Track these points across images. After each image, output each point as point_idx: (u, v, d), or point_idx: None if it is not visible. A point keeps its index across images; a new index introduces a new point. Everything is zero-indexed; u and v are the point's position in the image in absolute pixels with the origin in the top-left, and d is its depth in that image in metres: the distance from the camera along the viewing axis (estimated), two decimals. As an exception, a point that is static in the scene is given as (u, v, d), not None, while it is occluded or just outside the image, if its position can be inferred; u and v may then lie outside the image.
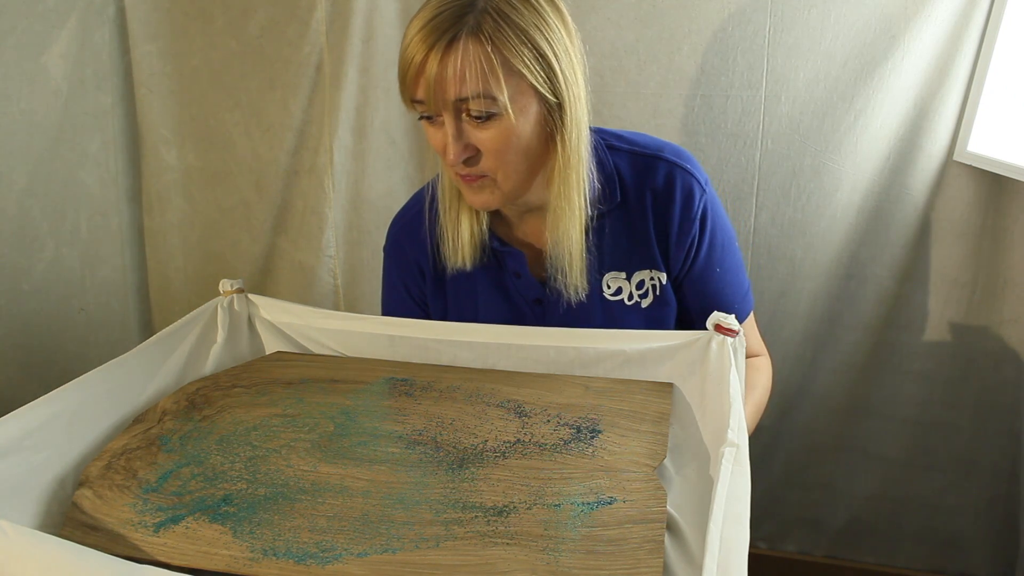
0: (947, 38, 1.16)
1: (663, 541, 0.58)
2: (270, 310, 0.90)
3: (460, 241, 0.90)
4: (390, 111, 1.36)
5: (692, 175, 0.89)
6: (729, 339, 0.75)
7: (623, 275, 0.90)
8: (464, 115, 0.79)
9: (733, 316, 0.75)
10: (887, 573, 1.44)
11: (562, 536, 0.59)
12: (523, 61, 0.78)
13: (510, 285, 0.93)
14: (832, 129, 1.22)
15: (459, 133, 0.80)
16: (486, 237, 0.91)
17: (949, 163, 1.21)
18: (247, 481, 0.67)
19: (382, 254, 1.02)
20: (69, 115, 1.44)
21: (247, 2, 1.35)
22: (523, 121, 0.80)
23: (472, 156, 0.81)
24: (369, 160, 1.38)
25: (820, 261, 1.29)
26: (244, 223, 1.47)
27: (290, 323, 0.89)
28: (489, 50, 0.76)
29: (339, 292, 1.46)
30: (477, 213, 0.90)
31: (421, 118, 0.82)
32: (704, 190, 0.90)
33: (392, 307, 1.01)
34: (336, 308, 1.46)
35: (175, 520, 0.62)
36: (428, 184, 0.95)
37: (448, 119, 0.79)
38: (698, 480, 0.67)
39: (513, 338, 0.82)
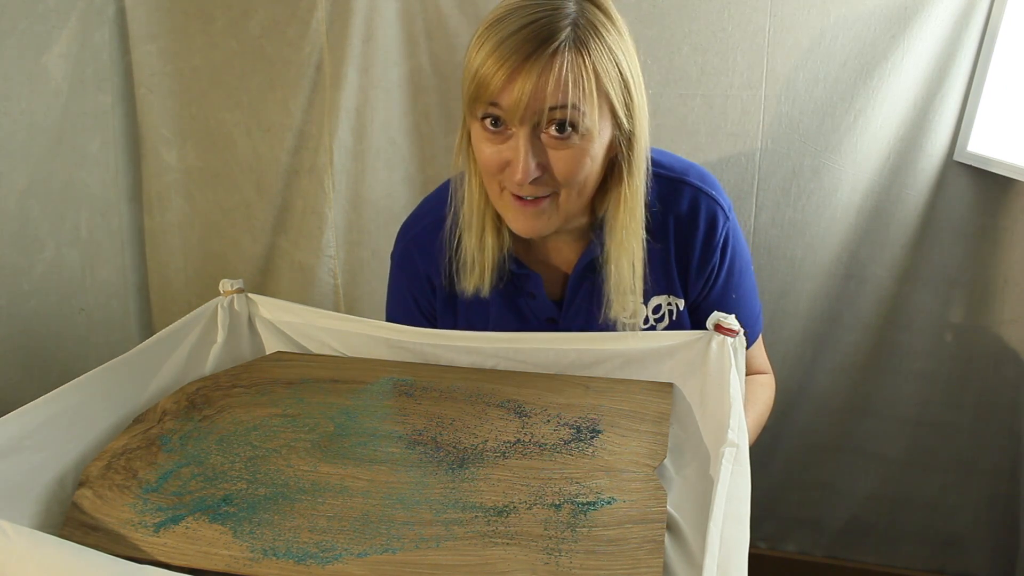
0: (947, 38, 1.16)
1: (663, 541, 0.58)
2: (270, 310, 0.90)
3: (483, 262, 0.87)
4: (390, 111, 1.36)
5: (716, 202, 0.88)
6: (729, 339, 0.75)
7: (640, 299, 0.89)
8: (543, 131, 0.76)
9: (733, 316, 0.75)
10: (887, 573, 1.44)
11: (562, 536, 0.59)
12: (611, 82, 0.76)
13: (523, 305, 0.92)
14: (832, 129, 1.22)
15: (534, 151, 0.76)
16: (506, 258, 0.88)
17: (949, 163, 1.21)
18: (247, 481, 0.67)
19: (382, 254, 1.01)
20: (69, 115, 1.44)
21: (247, 2, 1.35)
22: (598, 144, 0.78)
23: (539, 176, 0.77)
24: (369, 160, 1.38)
25: (820, 261, 1.29)
26: (244, 223, 1.47)
27: (290, 323, 0.89)
28: (588, 66, 0.74)
29: (339, 292, 1.46)
30: (502, 236, 0.87)
31: (485, 118, 0.77)
32: (728, 217, 0.88)
33: (398, 317, 0.98)
34: (336, 308, 1.45)
35: (175, 520, 0.62)
36: (443, 198, 0.90)
37: (524, 134, 0.75)
38: (698, 480, 0.67)
39: (513, 342, 0.82)
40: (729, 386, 0.69)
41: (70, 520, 0.64)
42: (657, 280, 0.89)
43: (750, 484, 0.58)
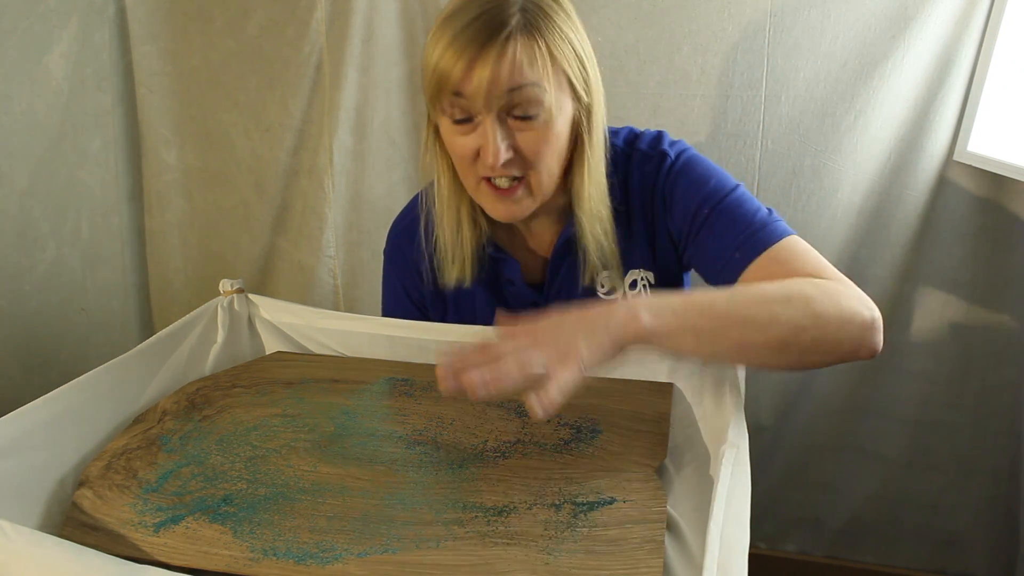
0: (947, 38, 1.16)
1: (663, 541, 0.58)
2: (270, 310, 0.90)
3: (462, 253, 0.88)
4: (390, 111, 1.36)
5: (658, 153, 0.87)
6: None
7: (615, 274, 0.90)
8: (508, 116, 0.78)
9: None
10: (887, 573, 1.44)
11: (562, 536, 0.59)
12: (566, 60, 0.79)
13: (505, 292, 0.93)
14: (832, 129, 1.22)
15: (503, 134, 0.78)
16: (485, 245, 0.90)
17: (949, 163, 1.21)
18: (247, 481, 0.67)
19: (381, 255, 1.02)
20: (70, 115, 1.44)
21: (247, 2, 1.35)
22: (561, 121, 0.80)
23: (510, 159, 0.79)
24: (369, 160, 1.38)
25: (820, 261, 1.29)
26: (244, 223, 1.47)
27: (290, 323, 0.89)
28: (541, 46, 0.76)
29: (339, 292, 1.46)
30: (478, 227, 0.88)
31: (453, 122, 0.79)
32: (669, 155, 0.87)
33: (392, 310, 1.00)
34: (336, 308, 1.46)
35: (175, 520, 0.62)
36: (421, 193, 0.92)
37: (490, 120, 0.77)
38: (698, 480, 0.67)
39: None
40: (729, 386, 0.69)
41: (70, 520, 0.64)
42: (630, 254, 0.89)
43: (750, 484, 0.58)
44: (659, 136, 0.90)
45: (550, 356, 0.63)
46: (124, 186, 1.50)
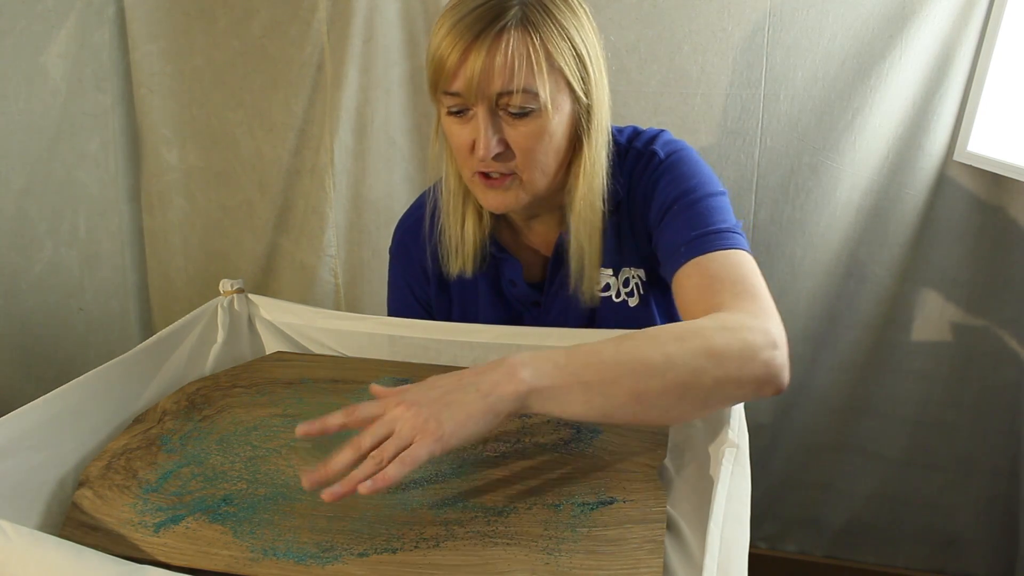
0: (946, 38, 1.16)
1: (663, 541, 0.58)
2: (270, 310, 0.90)
3: (464, 247, 0.89)
4: (390, 111, 1.36)
5: (648, 152, 0.87)
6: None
7: (610, 271, 0.90)
8: (501, 110, 0.78)
9: None
10: (887, 573, 1.44)
11: (562, 536, 0.59)
12: (563, 58, 0.78)
13: (507, 291, 0.93)
14: (831, 128, 1.22)
15: (494, 128, 0.78)
16: (487, 242, 0.90)
17: (949, 163, 1.21)
18: (247, 481, 0.67)
19: (383, 254, 1.02)
20: (68, 115, 1.44)
21: (249, 2, 1.35)
22: (558, 119, 0.80)
23: (502, 153, 0.79)
24: (369, 160, 1.38)
25: (819, 260, 1.29)
26: (247, 222, 1.47)
27: (290, 323, 0.89)
28: (536, 43, 0.76)
29: (340, 292, 1.46)
30: (481, 218, 0.89)
31: (449, 113, 0.80)
32: (658, 154, 0.86)
33: (397, 310, 1.00)
34: (337, 308, 1.46)
35: (175, 520, 0.62)
36: (430, 188, 0.94)
37: (483, 112, 0.77)
38: (698, 480, 0.67)
39: (513, 338, 0.82)
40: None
41: (70, 520, 0.64)
42: (625, 252, 0.89)
43: (750, 484, 0.58)
44: (656, 135, 0.89)
45: (410, 427, 0.60)
46: (123, 186, 1.50)
